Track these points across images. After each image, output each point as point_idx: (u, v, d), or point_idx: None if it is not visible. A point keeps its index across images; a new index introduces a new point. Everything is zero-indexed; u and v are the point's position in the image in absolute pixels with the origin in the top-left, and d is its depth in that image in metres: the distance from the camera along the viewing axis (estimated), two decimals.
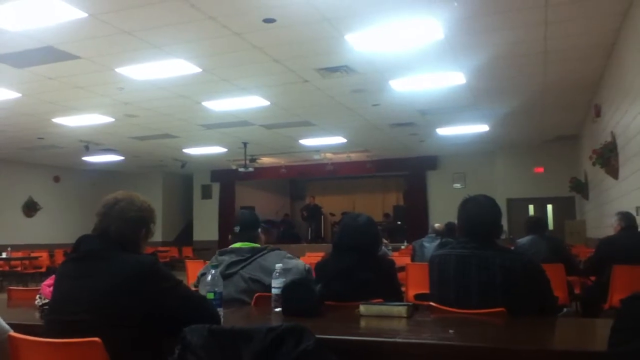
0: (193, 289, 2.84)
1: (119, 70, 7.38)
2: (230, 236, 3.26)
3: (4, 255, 12.10)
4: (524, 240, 5.82)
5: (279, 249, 3.16)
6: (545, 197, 13.96)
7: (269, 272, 2.91)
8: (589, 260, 5.29)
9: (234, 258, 3.05)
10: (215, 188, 18.51)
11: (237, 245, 3.14)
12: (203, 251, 15.30)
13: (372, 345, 2.01)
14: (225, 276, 2.89)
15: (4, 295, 3.85)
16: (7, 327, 2.14)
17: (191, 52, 6.79)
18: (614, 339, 1.46)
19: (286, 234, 18.41)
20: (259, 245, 3.15)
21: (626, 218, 5.11)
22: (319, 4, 5.47)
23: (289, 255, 3.12)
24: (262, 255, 3.05)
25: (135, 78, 7.71)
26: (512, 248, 5.10)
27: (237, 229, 3.20)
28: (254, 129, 11.53)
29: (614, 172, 7.15)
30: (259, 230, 3.29)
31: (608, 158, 7.13)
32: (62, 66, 7.16)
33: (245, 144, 13.14)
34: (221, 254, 3.13)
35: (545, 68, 7.61)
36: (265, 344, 1.67)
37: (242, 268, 3.01)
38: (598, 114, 8.38)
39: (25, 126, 10.82)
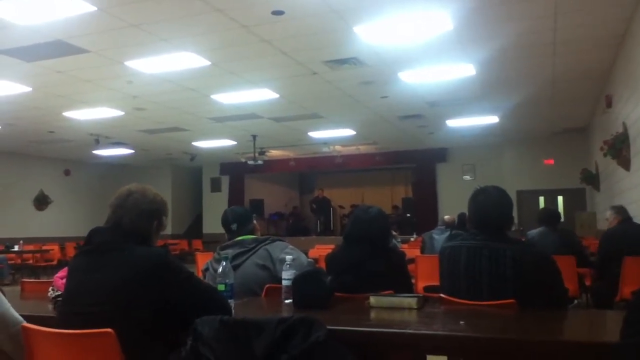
0: None
1: (128, 63, 7.40)
2: (227, 235, 3.27)
3: (15, 248, 12.21)
4: (534, 232, 5.81)
5: (281, 240, 3.19)
6: (555, 189, 13.89)
7: (276, 260, 2.96)
8: (598, 256, 5.26)
9: (238, 250, 3.08)
10: (225, 181, 18.54)
11: (239, 238, 3.16)
12: (213, 244, 15.35)
13: (382, 336, 2.02)
14: (232, 268, 2.92)
15: (17, 288, 3.90)
16: (21, 318, 2.16)
17: (200, 45, 6.79)
18: (627, 330, 1.46)
19: (295, 227, 18.44)
20: (260, 237, 3.20)
21: (622, 211, 5.23)
22: None
23: (291, 246, 3.15)
24: (267, 244, 3.09)
25: (144, 71, 7.72)
26: (523, 240, 5.11)
27: (234, 226, 3.22)
28: (263, 122, 11.54)
29: (625, 163, 7.09)
30: (254, 221, 3.32)
31: (619, 149, 7.07)
32: (72, 60, 7.19)
33: (254, 136, 13.15)
34: (223, 249, 3.15)
35: (554, 59, 7.55)
36: (277, 335, 1.68)
37: (248, 258, 3.05)
38: (609, 104, 8.30)
39: (35, 120, 10.88)
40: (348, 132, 12.90)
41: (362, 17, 5.97)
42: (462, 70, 7.96)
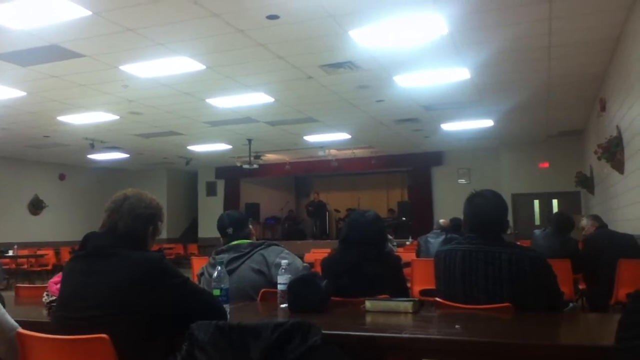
0: None
1: (123, 68, 7.39)
2: (222, 239, 3.27)
3: (10, 253, 12.17)
4: (538, 231, 5.95)
5: (276, 244, 3.19)
6: (550, 192, 13.93)
7: (271, 264, 2.96)
8: (586, 259, 5.30)
9: (233, 254, 3.08)
10: (220, 185, 18.51)
11: (235, 243, 3.16)
12: (208, 248, 15.31)
13: (378, 340, 2.02)
14: (228, 272, 2.92)
15: (12, 293, 3.88)
16: (16, 324, 2.15)
17: (195, 49, 6.79)
18: (622, 333, 1.46)
19: (291, 231, 18.42)
20: (256, 241, 3.20)
21: (598, 219, 5.66)
22: (322, 0, 5.46)
23: (286, 251, 3.15)
24: (263, 249, 3.09)
25: (139, 75, 7.72)
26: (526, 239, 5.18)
27: (230, 230, 3.22)
28: (258, 126, 11.53)
29: (619, 166, 7.12)
30: (250, 226, 3.33)
31: (614, 152, 7.10)
32: (67, 64, 7.17)
33: (249, 140, 13.14)
34: (218, 253, 3.15)
35: (550, 63, 7.58)
36: (273, 340, 1.68)
37: (243, 262, 3.05)
38: (603, 108, 8.34)
39: (30, 124, 10.85)
40: (344, 135, 12.91)
41: (358, 21, 5.99)
42: (457, 74, 7.98)
